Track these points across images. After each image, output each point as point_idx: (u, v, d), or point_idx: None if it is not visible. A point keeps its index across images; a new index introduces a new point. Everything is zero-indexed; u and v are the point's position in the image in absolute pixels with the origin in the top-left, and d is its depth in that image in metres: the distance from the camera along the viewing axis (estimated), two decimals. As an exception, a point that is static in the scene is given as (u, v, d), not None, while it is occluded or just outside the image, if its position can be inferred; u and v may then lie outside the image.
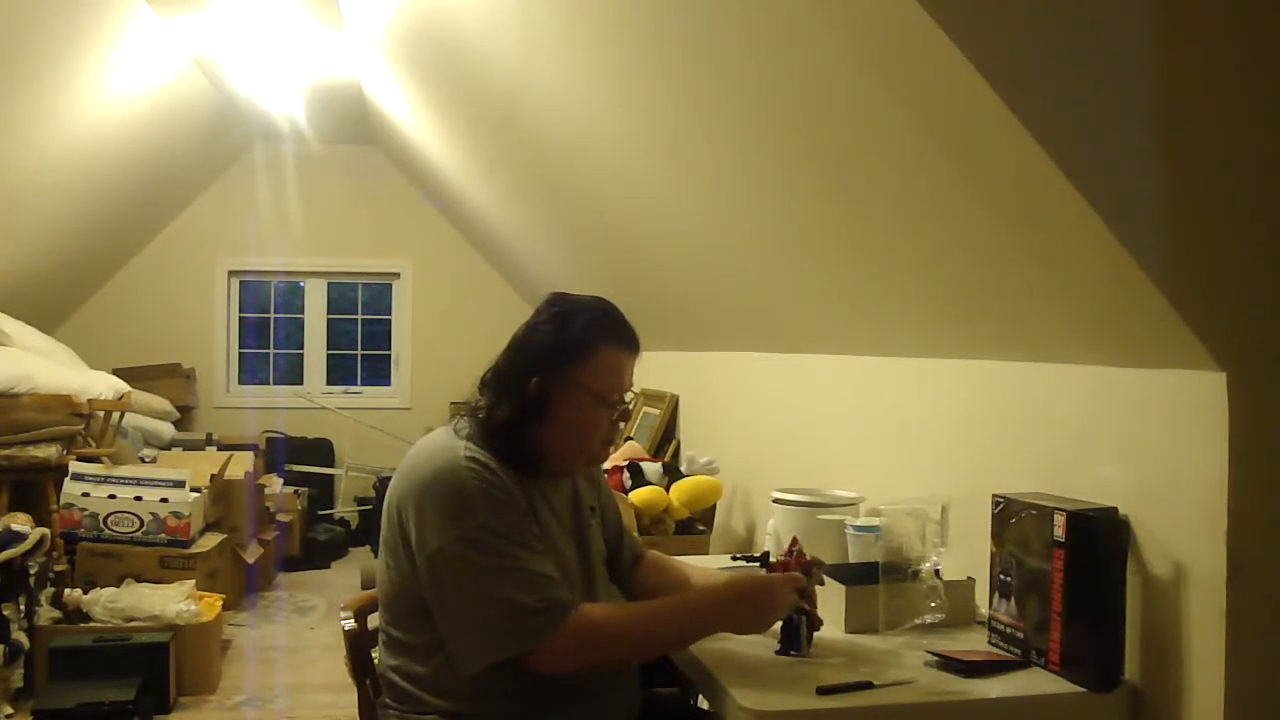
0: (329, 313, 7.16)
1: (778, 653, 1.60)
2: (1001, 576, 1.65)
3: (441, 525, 1.47)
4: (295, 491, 5.90)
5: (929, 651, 1.58)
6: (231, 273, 6.93)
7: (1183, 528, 1.42)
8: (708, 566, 1.97)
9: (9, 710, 3.22)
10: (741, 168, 2.22)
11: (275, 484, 5.59)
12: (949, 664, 1.54)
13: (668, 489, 3.12)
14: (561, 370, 1.57)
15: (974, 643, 1.66)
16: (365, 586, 4.89)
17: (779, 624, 1.61)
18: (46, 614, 3.51)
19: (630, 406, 1.69)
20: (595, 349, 1.58)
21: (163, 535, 4.09)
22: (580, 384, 1.57)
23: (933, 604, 1.68)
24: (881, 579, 1.72)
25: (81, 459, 4.27)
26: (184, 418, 6.39)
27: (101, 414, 4.58)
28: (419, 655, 1.54)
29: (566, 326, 1.59)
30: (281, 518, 5.51)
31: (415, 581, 1.51)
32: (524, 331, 1.63)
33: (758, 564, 2.06)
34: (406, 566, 1.52)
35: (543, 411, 1.57)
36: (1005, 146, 1.27)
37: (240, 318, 7.01)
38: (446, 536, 1.46)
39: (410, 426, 6.54)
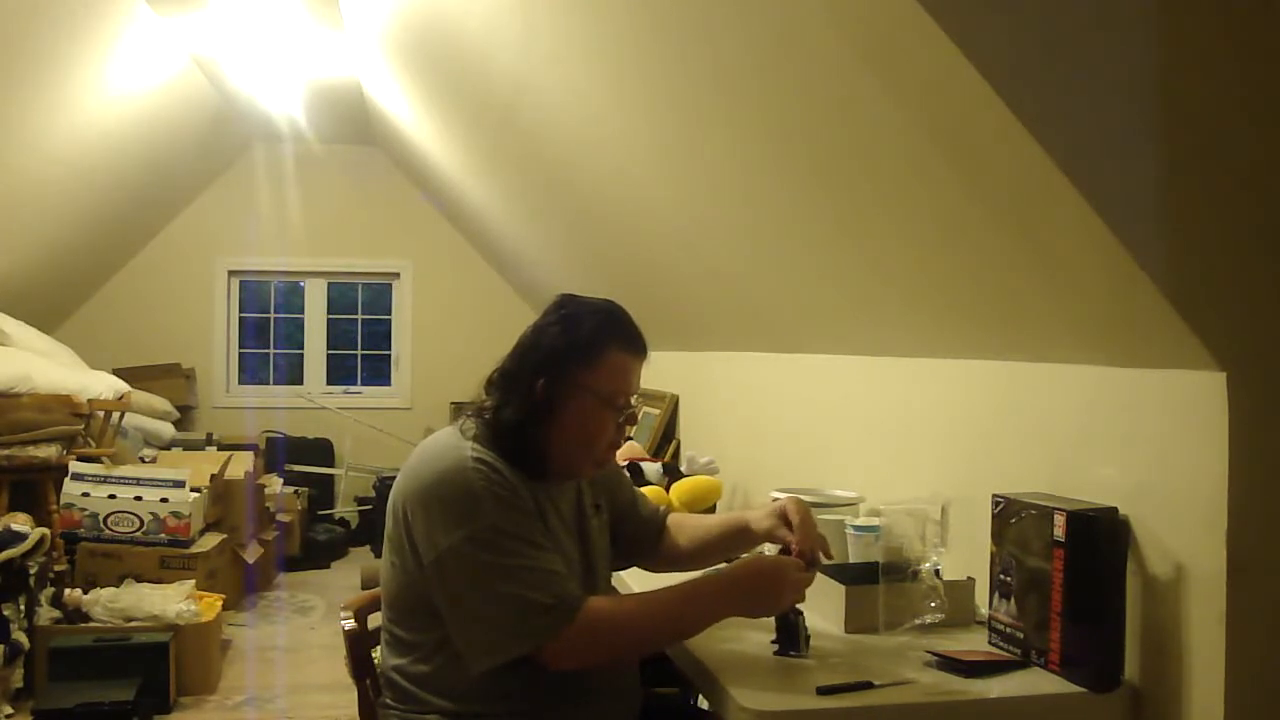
0: (329, 313, 7.16)
1: (776, 653, 1.60)
2: (1001, 576, 1.65)
3: (449, 526, 1.47)
4: (295, 491, 5.90)
5: (929, 651, 1.58)
6: (231, 273, 6.93)
7: (1183, 528, 1.42)
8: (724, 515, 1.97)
9: (9, 710, 3.22)
10: (741, 167, 2.22)
11: (275, 484, 5.59)
12: (949, 664, 1.54)
13: (668, 489, 3.12)
14: (568, 372, 1.57)
15: (974, 643, 1.66)
16: (365, 586, 4.89)
17: (778, 626, 1.61)
18: (46, 614, 3.51)
19: (637, 410, 1.69)
20: (603, 352, 1.58)
21: (163, 535, 4.10)
22: (587, 387, 1.57)
23: (933, 604, 1.68)
24: (881, 579, 1.72)
25: (81, 459, 4.27)
26: (184, 418, 6.39)
27: (101, 414, 4.58)
28: (422, 654, 1.54)
29: (574, 329, 1.58)
30: (281, 518, 5.51)
31: (420, 581, 1.51)
32: (531, 333, 1.62)
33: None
34: (412, 566, 1.52)
35: (549, 413, 1.56)
36: (1005, 146, 1.27)
37: (240, 318, 7.01)
38: (454, 537, 1.46)
39: (410, 426, 6.54)
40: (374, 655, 1.73)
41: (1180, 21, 1.10)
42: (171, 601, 3.63)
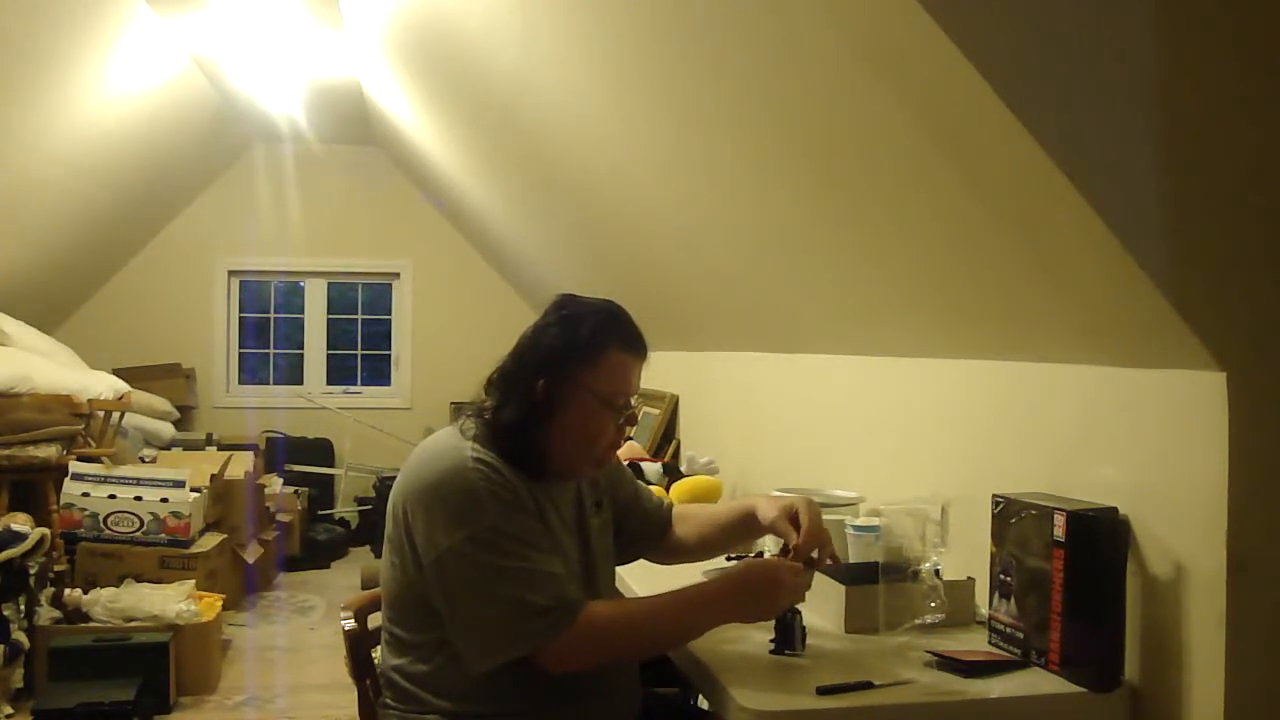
0: (329, 313, 7.16)
1: (772, 651, 1.60)
2: (1001, 576, 1.65)
3: (449, 526, 1.47)
4: (295, 491, 5.90)
5: (929, 651, 1.58)
6: (231, 273, 6.93)
7: (1183, 528, 1.42)
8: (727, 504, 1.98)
9: (9, 710, 3.22)
10: (741, 168, 2.22)
11: (275, 484, 5.59)
12: (949, 664, 1.54)
13: (668, 489, 3.12)
14: (568, 373, 1.56)
15: (974, 643, 1.66)
16: (365, 586, 4.89)
17: (775, 625, 1.61)
18: (46, 614, 3.51)
19: (637, 410, 1.69)
20: (603, 352, 1.57)
21: (163, 535, 4.09)
22: (587, 387, 1.57)
23: (933, 604, 1.68)
24: (881, 579, 1.72)
25: (81, 459, 4.27)
26: (184, 418, 6.39)
27: (101, 414, 4.58)
28: (422, 655, 1.54)
29: (575, 329, 1.58)
30: (281, 518, 5.51)
31: (420, 581, 1.51)
32: (531, 333, 1.62)
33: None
34: (411, 567, 1.52)
35: (549, 414, 1.56)
36: (1005, 147, 1.27)
37: (240, 318, 7.01)
38: (454, 537, 1.46)
39: (410, 426, 6.54)
40: (374, 655, 1.73)
41: (1180, 21, 1.10)
42: (171, 601, 3.63)
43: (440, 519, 1.48)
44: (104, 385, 4.71)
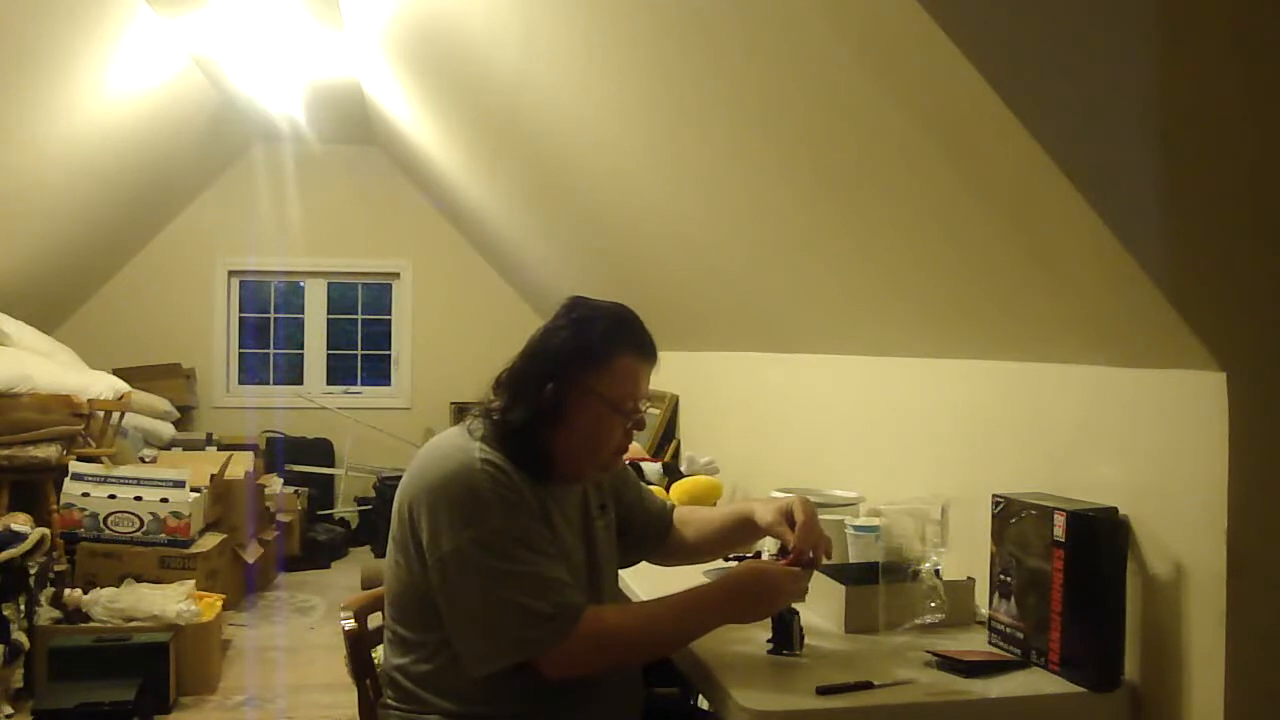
0: (329, 313, 7.16)
1: (770, 651, 1.60)
2: (1001, 576, 1.65)
3: (455, 527, 1.47)
4: (295, 491, 5.90)
5: (929, 651, 1.58)
6: (231, 273, 6.93)
7: (1183, 528, 1.42)
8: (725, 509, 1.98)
9: (9, 710, 3.22)
10: (741, 168, 2.22)
11: (275, 484, 5.59)
12: (949, 664, 1.54)
13: (668, 489, 3.12)
14: (577, 377, 1.56)
15: (974, 643, 1.66)
16: (365, 586, 4.89)
17: (773, 625, 1.61)
18: (46, 614, 3.51)
19: (645, 415, 1.69)
20: (613, 357, 1.57)
21: (163, 535, 4.10)
22: (596, 391, 1.56)
23: (933, 604, 1.68)
24: (881, 579, 1.72)
25: (81, 459, 4.27)
26: (184, 418, 6.39)
27: (101, 414, 4.58)
28: (425, 654, 1.54)
29: (585, 333, 1.57)
30: (281, 518, 5.51)
31: (424, 581, 1.51)
32: (541, 335, 1.61)
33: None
34: (416, 566, 1.52)
35: (557, 417, 1.55)
36: (1005, 146, 1.27)
37: (240, 318, 7.01)
38: (459, 539, 1.46)
39: (410, 426, 6.54)
40: (375, 655, 1.73)
41: (1180, 21, 1.10)
42: (171, 601, 3.63)
43: (446, 520, 1.48)
44: (104, 385, 4.71)
